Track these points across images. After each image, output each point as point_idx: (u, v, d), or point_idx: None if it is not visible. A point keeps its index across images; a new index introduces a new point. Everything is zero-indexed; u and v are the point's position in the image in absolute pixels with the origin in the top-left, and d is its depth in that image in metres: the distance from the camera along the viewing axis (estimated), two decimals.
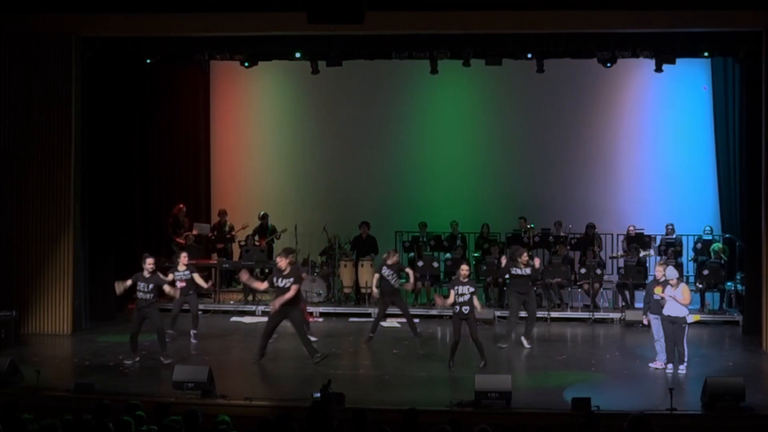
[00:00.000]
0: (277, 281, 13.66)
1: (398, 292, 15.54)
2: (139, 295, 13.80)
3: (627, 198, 19.66)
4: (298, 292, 13.82)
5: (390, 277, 15.20)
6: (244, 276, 14.53)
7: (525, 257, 15.17)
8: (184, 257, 15.43)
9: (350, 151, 20.36)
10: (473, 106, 20.21)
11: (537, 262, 15.44)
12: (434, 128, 20.28)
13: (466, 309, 13.49)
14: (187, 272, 15.19)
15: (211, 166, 20.79)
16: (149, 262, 13.85)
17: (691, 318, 13.55)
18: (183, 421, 8.64)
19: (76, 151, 16.21)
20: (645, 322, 14.13)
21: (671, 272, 13.61)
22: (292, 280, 13.55)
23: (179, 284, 14.99)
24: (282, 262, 13.73)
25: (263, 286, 14.23)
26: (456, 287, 13.58)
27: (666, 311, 13.44)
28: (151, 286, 13.75)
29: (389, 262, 15.24)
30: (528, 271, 15.14)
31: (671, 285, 13.46)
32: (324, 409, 9.30)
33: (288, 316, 13.74)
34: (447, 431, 8.25)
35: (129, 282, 13.91)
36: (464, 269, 13.65)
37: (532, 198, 19.71)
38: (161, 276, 14.25)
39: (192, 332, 15.45)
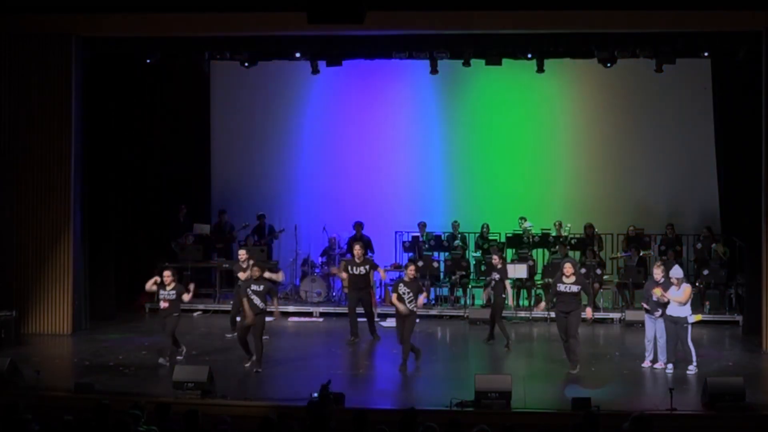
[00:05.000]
0: (352, 269, 15.41)
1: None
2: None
3: (627, 198, 19.65)
4: (369, 278, 15.61)
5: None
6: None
7: (570, 268, 13.50)
8: (167, 276, 13.77)
9: (350, 151, 20.33)
10: (473, 106, 20.19)
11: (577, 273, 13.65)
12: (434, 128, 20.26)
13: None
14: (173, 292, 13.68)
15: (211, 166, 20.78)
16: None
17: (693, 318, 13.55)
18: (183, 421, 8.66)
19: (76, 151, 16.21)
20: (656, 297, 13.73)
21: (676, 271, 13.63)
22: (367, 267, 15.50)
23: (162, 304, 13.68)
24: (357, 251, 15.61)
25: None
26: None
27: (669, 311, 13.45)
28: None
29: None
30: (575, 288, 13.45)
31: (674, 284, 13.48)
32: (320, 409, 9.30)
33: (360, 297, 15.55)
34: (434, 429, 8.25)
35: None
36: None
37: (532, 198, 19.71)
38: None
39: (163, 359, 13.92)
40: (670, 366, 13.53)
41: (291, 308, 18.15)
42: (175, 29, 16.04)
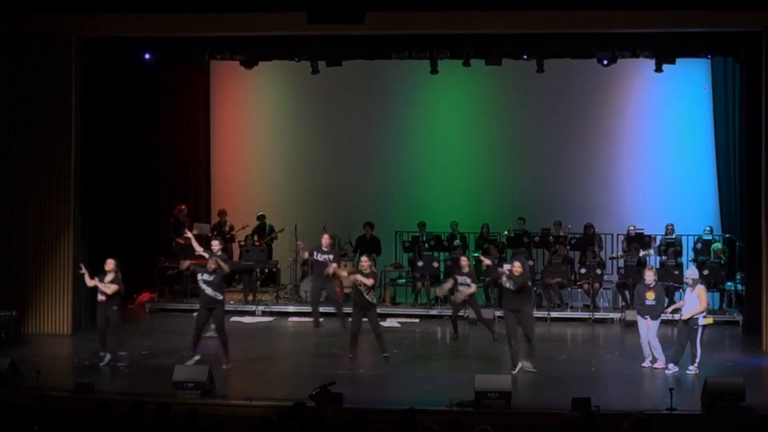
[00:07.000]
0: (316, 255, 15.44)
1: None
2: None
3: (627, 198, 19.65)
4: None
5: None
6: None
7: (518, 266, 13.27)
8: (110, 263, 13.69)
9: (350, 151, 20.35)
10: (473, 106, 20.20)
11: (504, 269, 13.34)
12: (434, 128, 20.27)
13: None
14: (111, 284, 13.63)
15: (211, 166, 20.79)
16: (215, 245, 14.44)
17: (704, 320, 13.53)
18: (183, 421, 8.65)
19: (76, 151, 16.21)
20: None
21: (691, 272, 13.68)
22: (331, 257, 15.36)
23: (99, 297, 13.74)
24: (325, 240, 15.55)
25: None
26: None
27: (683, 311, 13.47)
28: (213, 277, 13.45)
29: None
30: (509, 285, 13.27)
31: (689, 285, 13.52)
32: (303, 411, 9.30)
33: (325, 287, 15.54)
34: (433, 430, 8.25)
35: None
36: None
37: (532, 198, 19.72)
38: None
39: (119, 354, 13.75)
40: (671, 366, 13.52)
41: (291, 308, 18.16)
42: (175, 29, 16.05)
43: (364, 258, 13.99)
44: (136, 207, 18.98)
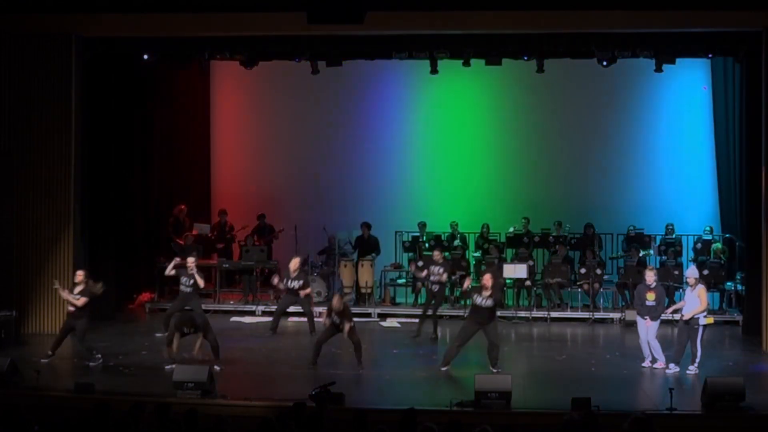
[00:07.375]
0: (287, 283, 15.79)
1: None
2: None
3: (627, 198, 19.65)
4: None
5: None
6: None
7: (488, 279, 13.16)
8: (79, 275, 13.72)
9: (350, 151, 20.36)
10: (473, 106, 20.21)
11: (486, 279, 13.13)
12: (434, 128, 20.28)
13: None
14: (79, 296, 13.59)
15: (211, 166, 20.80)
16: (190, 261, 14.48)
17: (704, 320, 13.53)
18: (183, 421, 8.65)
19: (76, 151, 16.20)
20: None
21: (692, 271, 13.70)
22: (301, 282, 15.78)
23: (69, 308, 13.75)
24: (292, 265, 15.77)
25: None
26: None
27: (684, 311, 13.47)
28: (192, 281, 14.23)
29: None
30: (490, 302, 13.12)
31: (690, 285, 13.53)
32: (304, 410, 9.29)
33: (298, 302, 15.98)
34: (432, 430, 8.25)
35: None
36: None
37: (532, 198, 19.72)
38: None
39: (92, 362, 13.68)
40: (672, 366, 13.51)
41: (291, 308, 18.12)
42: (175, 29, 16.04)
43: (335, 298, 13.65)
44: (136, 207, 18.97)
